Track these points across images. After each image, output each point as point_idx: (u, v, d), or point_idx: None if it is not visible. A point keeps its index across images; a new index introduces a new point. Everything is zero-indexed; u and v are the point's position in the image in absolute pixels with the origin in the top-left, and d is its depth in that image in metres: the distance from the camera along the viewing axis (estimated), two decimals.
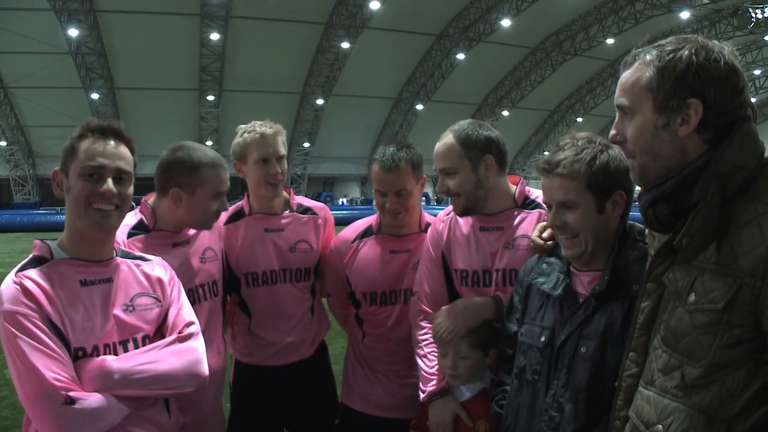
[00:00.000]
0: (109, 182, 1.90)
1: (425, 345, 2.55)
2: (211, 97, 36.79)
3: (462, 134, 2.39)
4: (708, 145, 1.46)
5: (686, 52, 1.44)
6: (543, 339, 1.98)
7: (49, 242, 1.92)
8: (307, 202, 3.09)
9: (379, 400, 2.84)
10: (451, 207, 2.60)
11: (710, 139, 1.46)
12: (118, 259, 2.02)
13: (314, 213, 3.03)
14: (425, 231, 2.80)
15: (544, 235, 2.19)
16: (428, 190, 49.93)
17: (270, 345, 2.89)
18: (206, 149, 2.56)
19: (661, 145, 1.50)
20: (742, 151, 1.42)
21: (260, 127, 2.84)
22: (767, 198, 1.38)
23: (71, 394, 1.71)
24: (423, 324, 2.59)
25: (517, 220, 2.45)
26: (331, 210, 3.25)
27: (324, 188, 49.49)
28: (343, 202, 46.23)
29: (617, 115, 1.60)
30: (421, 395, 2.47)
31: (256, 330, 2.90)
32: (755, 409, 1.35)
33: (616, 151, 1.90)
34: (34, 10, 28.08)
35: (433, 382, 2.45)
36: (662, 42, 1.52)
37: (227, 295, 2.87)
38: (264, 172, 2.81)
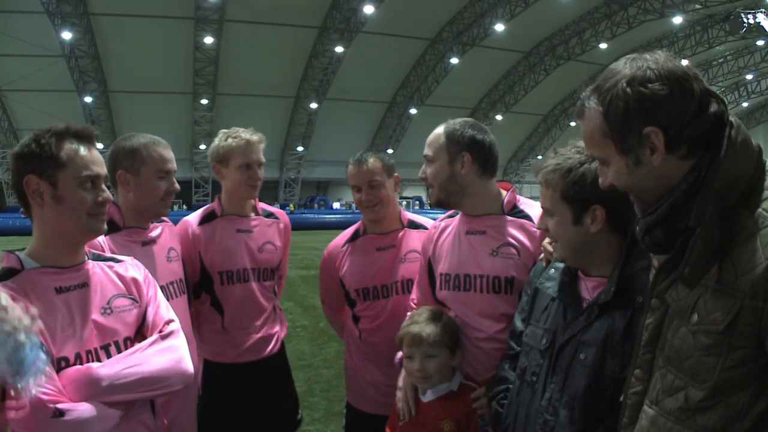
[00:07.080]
0: (106, 190, 1.93)
1: None
2: (204, 101, 36.76)
3: (450, 128, 2.45)
4: (689, 161, 1.40)
5: (619, 87, 1.40)
6: (544, 341, 1.97)
7: (17, 253, 1.87)
8: (269, 207, 3.32)
9: (380, 399, 2.89)
10: (447, 213, 2.67)
11: (686, 154, 1.40)
12: (91, 263, 1.98)
13: (276, 218, 3.28)
14: (407, 227, 2.98)
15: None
16: (422, 194, 49.98)
17: (243, 341, 3.05)
18: (147, 135, 2.63)
19: (641, 180, 1.46)
20: (737, 161, 1.35)
21: (245, 133, 3.02)
22: (766, 210, 1.32)
23: (59, 406, 1.67)
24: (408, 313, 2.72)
25: (502, 227, 2.44)
26: (325, 214, 3.36)
27: (317, 192, 49.43)
28: (335, 205, 46.21)
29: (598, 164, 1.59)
30: (395, 360, 2.57)
31: (229, 327, 3.05)
32: (762, 430, 1.32)
33: None
34: (28, 13, 28.01)
35: None
36: (598, 82, 1.47)
37: (192, 296, 2.96)
38: (247, 176, 3.01)
